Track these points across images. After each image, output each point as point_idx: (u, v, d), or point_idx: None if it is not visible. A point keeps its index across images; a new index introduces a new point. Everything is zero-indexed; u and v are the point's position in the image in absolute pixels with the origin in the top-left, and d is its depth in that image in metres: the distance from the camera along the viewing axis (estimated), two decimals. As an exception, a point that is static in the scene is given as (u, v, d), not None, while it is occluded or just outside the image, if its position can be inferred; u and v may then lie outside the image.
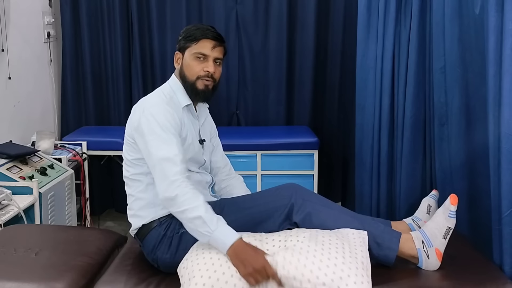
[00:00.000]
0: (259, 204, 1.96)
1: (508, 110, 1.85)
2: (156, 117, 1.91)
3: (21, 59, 3.34)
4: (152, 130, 1.90)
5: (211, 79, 2.01)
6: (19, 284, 1.82)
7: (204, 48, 2.00)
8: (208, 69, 2.00)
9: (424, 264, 1.89)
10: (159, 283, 1.87)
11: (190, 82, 2.02)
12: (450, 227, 1.89)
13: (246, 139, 3.44)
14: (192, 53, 2.01)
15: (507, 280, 1.85)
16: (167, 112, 1.93)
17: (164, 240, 1.92)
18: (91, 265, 1.97)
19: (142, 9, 3.74)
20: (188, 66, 2.02)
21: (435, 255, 1.88)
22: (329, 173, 3.84)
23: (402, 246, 1.89)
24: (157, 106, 1.96)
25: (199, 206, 1.79)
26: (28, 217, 2.65)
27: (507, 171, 1.87)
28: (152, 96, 2.05)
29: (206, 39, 2.00)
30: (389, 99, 2.75)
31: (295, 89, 3.82)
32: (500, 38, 1.86)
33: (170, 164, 1.84)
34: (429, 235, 1.90)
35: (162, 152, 1.86)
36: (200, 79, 2.01)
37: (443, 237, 1.89)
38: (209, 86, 2.02)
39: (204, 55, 2.00)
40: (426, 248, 1.88)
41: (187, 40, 2.03)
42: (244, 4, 3.75)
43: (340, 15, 3.70)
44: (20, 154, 2.88)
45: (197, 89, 2.01)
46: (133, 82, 3.80)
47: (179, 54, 2.07)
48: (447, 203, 1.91)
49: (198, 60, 2.00)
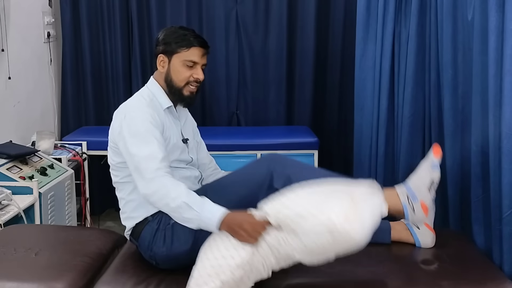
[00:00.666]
0: (240, 180, 1.96)
1: (508, 110, 1.85)
2: (136, 120, 1.93)
3: (21, 59, 3.34)
4: (133, 132, 1.91)
5: (198, 84, 2.05)
6: (19, 284, 1.82)
7: (194, 56, 2.01)
8: (198, 76, 2.03)
9: (410, 218, 1.90)
10: (159, 283, 1.86)
11: (177, 88, 2.03)
12: (433, 179, 1.89)
13: (246, 139, 3.44)
14: (181, 60, 2.01)
15: (507, 279, 1.85)
16: (147, 114, 1.94)
17: (158, 234, 1.93)
18: (91, 265, 1.97)
19: (142, 9, 3.74)
20: (177, 72, 2.02)
21: (420, 208, 1.88)
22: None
23: (388, 202, 1.86)
24: (138, 108, 1.97)
25: (180, 194, 1.82)
26: (28, 217, 2.65)
27: (508, 171, 1.87)
28: (132, 101, 2.05)
29: (196, 47, 2.01)
30: (387, 99, 2.75)
31: (295, 89, 3.82)
32: (501, 38, 1.86)
33: (149, 162, 1.86)
34: (413, 188, 1.90)
35: (142, 152, 1.88)
36: (188, 85, 2.03)
37: (427, 189, 1.89)
38: (194, 92, 2.06)
39: (194, 62, 2.02)
40: (411, 202, 1.89)
41: (176, 45, 2.01)
42: (244, 4, 3.75)
43: (340, 15, 3.70)
44: (20, 154, 2.88)
45: (183, 95, 2.05)
46: (133, 82, 3.80)
47: (164, 58, 2.05)
48: (430, 155, 1.92)
49: (187, 67, 2.02)
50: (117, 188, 2.08)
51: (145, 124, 1.92)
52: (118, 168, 2.02)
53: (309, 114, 3.81)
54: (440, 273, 1.89)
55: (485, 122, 2.00)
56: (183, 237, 1.89)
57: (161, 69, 2.06)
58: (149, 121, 1.93)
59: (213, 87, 3.84)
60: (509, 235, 1.90)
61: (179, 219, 1.86)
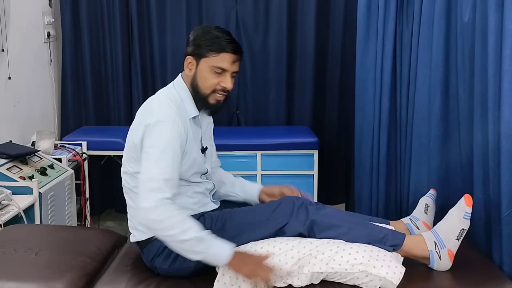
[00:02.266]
0: (260, 221, 1.92)
1: (508, 110, 1.85)
2: (161, 134, 1.80)
3: (21, 59, 3.34)
4: (154, 145, 1.80)
5: (226, 93, 1.92)
6: (19, 284, 1.82)
7: (224, 62, 1.87)
8: (226, 85, 1.89)
9: (436, 265, 1.89)
10: (159, 284, 1.87)
11: (202, 95, 1.91)
12: (464, 229, 1.88)
13: (246, 139, 3.44)
14: (210, 65, 1.88)
15: (507, 280, 1.86)
16: (174, 130, 1.81)
17: (164, 252, 1.89)
18: (91, 265, 1.97)
19: (142, 9, 3.74)
20: (204, 78, 1.89)
21: (447, 256, 1.87)
22: (329, 173, 3.84)
23: (413, 248, 1.89)
24: (167, 120, 1.82)
25: (192, 227, 1.74)
26: (28, 217, 2.65)
27: (507, 171, 1.87)
28: (161, 105, 1.89)
29: (227, 53, 1.87)
30: (389, 99, 2.74)
31: (295, 89, 3.82)
32: (500, 38, 1.86)
33: (159, 186, 1.75)
34: (442, 236, 1.89)
35: (155, 171, 1.76)
36: (215, 93, 1.91)
37: (456, 238, 1.87)
38: (221, 100, 1.93)
39: (223, 69, 1.88)
40: (438, 249, 1.88)
41: (206, 48, 1.87)
42: (244, 4, 3.75)
43: (341, 15, 3.70)
44: (20, 154, 2.88)
45: (209, 103, 1.92)
46: (133, 82, 3.80)
47: (192, 60, 1.92)
48: (462, 204, 1.89)
49: (215, 73, 1.88)
50: (127, 193, 2.00)
51: (166, 139, 1.79)
52: (131, 176, 1.93)
53: (309, 114, 3.81)
54: (440, 273, 1.89)
55: (484, 122, 2.00)
56: (187, 258, 1.85)
57: (188, 71, 1.93)
58: (174, 137, 1.80)
59: (213, 87, 3.84)
60: (508, 235, 1.90)
61: (181, 249, 1.76)
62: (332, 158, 3.83)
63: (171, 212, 1.74)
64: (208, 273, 1.88)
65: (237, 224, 1.92)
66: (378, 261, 1.79)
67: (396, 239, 1.90)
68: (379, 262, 1.78)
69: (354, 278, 1.78)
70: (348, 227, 1.91)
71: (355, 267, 1.77)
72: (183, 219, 1.75)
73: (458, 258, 1.91)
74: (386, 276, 1.75)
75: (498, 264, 1.97)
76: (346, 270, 1.77)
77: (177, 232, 1.73)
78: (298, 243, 1.85)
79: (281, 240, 1.88)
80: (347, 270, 1.77)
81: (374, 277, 1.76)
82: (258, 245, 1.88)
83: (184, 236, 1.73)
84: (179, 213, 1.76)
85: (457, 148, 2.31)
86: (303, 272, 1.78)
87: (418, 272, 1.90)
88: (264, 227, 1.91)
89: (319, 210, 1.94)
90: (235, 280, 1.78)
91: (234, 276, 1.78)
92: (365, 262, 1.77)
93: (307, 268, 1.79)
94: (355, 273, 1.77)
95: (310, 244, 1.85)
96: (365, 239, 1.88)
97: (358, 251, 1.81)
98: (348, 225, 1.92)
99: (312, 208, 1.94)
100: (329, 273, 1.79)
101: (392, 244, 1.88)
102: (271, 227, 1.91)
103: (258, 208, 1.98)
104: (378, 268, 1.77)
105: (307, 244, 1.84)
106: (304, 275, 1.78)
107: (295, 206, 1.92)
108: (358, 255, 1.79)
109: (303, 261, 1.80)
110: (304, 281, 1.79)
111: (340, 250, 1.81)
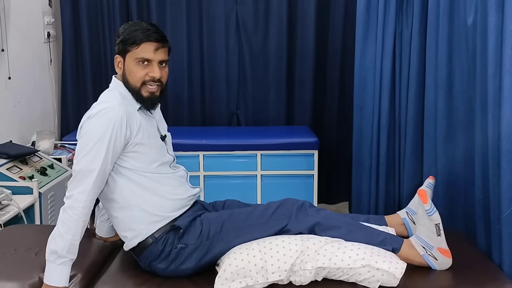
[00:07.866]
0: (261, 223, 1.93)
1: (508, 110, 1.85)
2: (96, 124, 1.82)
3: (21, 59, 3.34)
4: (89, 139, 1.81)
5: (158, 83, 1.90)
6: (19, 284, 1.82)
7: (146, 52, 1.86)
8: (154, 74, 1.88)
9: (436, 265, 1.90)
10: (159, 284, 1.86)
11: (134, 89, 1.90)
12: (437, 223, 1.89)
13: (246, 139, 3.44)
14: (133, 58, 1.87)
15: (507, 279, 1.86)
16: (116, 116, 1.82)
17: (162, 255, 1.89)
18: (91, 265, 1.97)
19: (142, 9, 3.74)
20: (132, 72, 1.88)
21: (440, 254, 1.88)
22: (329, 173, 3.84)
23: (409, 253, 1.90)
24: (109, 114, 1.83)
25: (68, 240, 1.77)
26: (28, 217, 2.65)
27: (507, 170, 1.87)
28: (102, 101, 1.92)
29: (147, 42, 1.86)
30: (388, 99, 2.75)
31: (295, 89, 3.82)
32: (500, 38, 1.86)
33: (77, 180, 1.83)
34: (425, 238, 1.90)
35: (81, 163, 1.81)
36: (146, 85, 1.89)
37: (437, 235, 1.89)
38: (155, 92, 1.91)
39: (147, 60, 1.87)
40: (429, 251, 1.89)
41: (126, 43, 1.88)
42: (244, 4, 3.75)
43: (341, 15, 3.70)
44: (20, 154, 2.88)
45: (142, 96, 1.90)
46: (133, 82, 3.80)
47: (120, 58, 1.92)
48: (420, 203, 1.92)
49: (141, 65, 1.87)
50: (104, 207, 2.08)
51: (101, 132, 1.80)
52: None
53: (309, 114, 3.81)
54: (440, 273, 1.89)
55: (484, 122, 2.00)
56: (189, 259, 1.88)
57: (118, 70, 1.94)
58: (110, 128, 1.80)
59: (213, 87, 3.84)
60: (508, 235, 1.91)
61: (57, 233, 1.80)
62: (332, 158, 3.83)
63: (79, 216, 1.82)
64: (209, 272, 1.88)
65: (236, 227, 1.93)
66: (380, 257, 1.81)
67: (394, 243, 1.91)
68: (381, 258, 1.81)
69: (356, 274, 1.80)
70: (348, 229, 1.93)
71: (357, 263, 1.79)
72: (78, 229, 1.81)
73: (458, 258, 1.92)
74: (389, 269, 1.78)
75: (498, 264, 1.97)
76: (349, 265, 1.79)
77: (66, 229, 1.80)
78: (301, 240, 1.87)
79: (283, 238, 1.89)
80: (350, 266, 1.79)
81: (377, 272, 1.78)
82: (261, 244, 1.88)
83: (64, 236, 1.78)
84: (82, 223, 1.82)
85: (459, 148, 2.32)
86: (307, 268, 1.79)
87: (418, 272, 1.89)
88: (264, 229, 1.92)
89: (318, 212, 1.96)
90: (236, 275, 1.79)
91: (235, 272, 1.79)
92: (367, 258, 1.80)
93: (310, 264, 1.79)
94: (357, 269, 1.79)
95: (313, 240, 1.87)
96: (364, 242, 1.90)
97: (360, 247, 1.85)
98: (348, 227, 1.94)
99: (312, 210, 1.96)
100: (331, 269, 1.80)
101: (391, 247, 1.90)
102: (271, 228, 1.92)
103: (257, 210, 1.99)
104: (380, 263, 1.79)
105: (310, 239, 1.87)
106: (308, 271, 1.79)
107: (295, 207, 1.94)
108: (360, 251, 1.82)
109: (306, 257, 1.80)
110: (308, 277, 1.80)
111: (342, 247, 1.84)
